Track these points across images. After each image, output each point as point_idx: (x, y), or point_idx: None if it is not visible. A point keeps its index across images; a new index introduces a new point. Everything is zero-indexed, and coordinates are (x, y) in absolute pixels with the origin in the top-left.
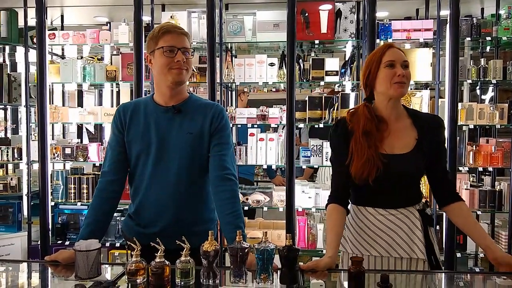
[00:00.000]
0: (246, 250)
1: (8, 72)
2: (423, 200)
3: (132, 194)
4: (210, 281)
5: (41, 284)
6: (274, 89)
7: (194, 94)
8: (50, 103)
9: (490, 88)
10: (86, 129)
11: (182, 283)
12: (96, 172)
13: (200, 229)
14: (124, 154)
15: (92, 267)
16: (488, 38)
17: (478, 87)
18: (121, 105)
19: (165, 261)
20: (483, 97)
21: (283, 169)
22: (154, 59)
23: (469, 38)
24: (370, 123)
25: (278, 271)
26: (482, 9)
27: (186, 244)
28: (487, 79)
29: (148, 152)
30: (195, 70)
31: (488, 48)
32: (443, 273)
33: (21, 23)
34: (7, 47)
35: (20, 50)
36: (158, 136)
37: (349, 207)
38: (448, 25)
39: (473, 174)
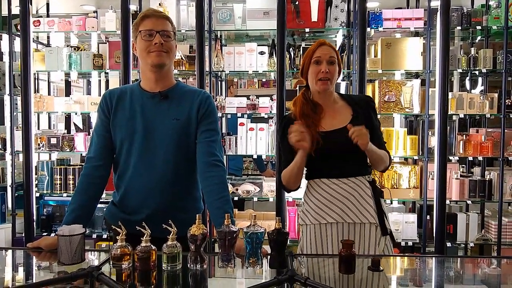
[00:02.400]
0: (235, 234)
1: None
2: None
3: (117, 181)
4: (197, 265)
5: (24, 270)
6: (264, 80)
7: (181, 81)
8: (35, 93)
9: (480, 82)
10: (74, 123)
11: (169, 268)
12: (83, 164)
13: (186, 217)
14: (110, 139)
15: (76, 253)
16: (479, 27)
17: (468, 78)
18: (108, 91)
19: (151, 245)
20: (472, 91)
21: (273, 162)
22: (137, 45)
23: (459, 27)
24: (306, 106)
25: (268, 256)
26: (472, 1)
27: (173, 228)
28: (477, 68)
29: (133, 138)
30: (183, 58)
31: (478, 39)
32: (434, 257)
33: (5, 11)
34: None
35: (5, 39)
36: (144, 122)
37: (304, 184)
38: (438, 14)
39: (463, 165)
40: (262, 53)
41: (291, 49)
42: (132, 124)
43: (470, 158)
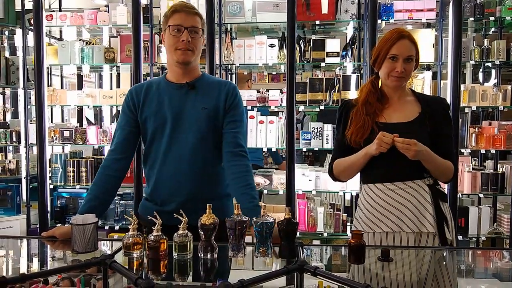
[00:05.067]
0: (245, 224)
1: (6, 55)
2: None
3: (148, 172)
4: (208, 254)
5: (39, 258)
6: (274, 73)
7: (206, 73)
8: (49, 86)
9: (493, 74)
10: (86, 118)
11: (180, 257)
12: (96, 156)
13: (217, 204)
14: (133, 134)
15: (89, 241)
16: (492, 18)
17: (481, 70)
18: (134, 86)
19: (162, 235)
20: (486, 83)
21: (283, 155)
22: (165, 38)
23: (472, 18)
24: (373, 95)
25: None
26: None
27: (183, 218)
28: (490, 60)
29: (163, 128)
30: None
31: (491, 30)
32: (444, 249)
33: (18, 6)
34: (6, 32)
35: (19, 33)
36: (173, 112)
37: (359, 187)
38: (451, 5)
39: (475, 158)
40: (272, 45)
41: (301, 41)
42: (161, 115)
43: (483, 151)
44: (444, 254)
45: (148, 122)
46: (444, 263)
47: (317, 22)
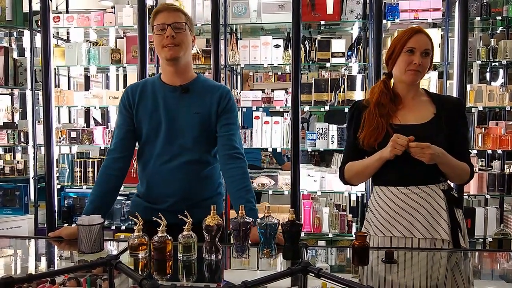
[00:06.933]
0: (249, 225)
1: (14, 57)
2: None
3: (141, 171)
4: (212, 255)
5: (46, 258)
6: (280, 73)
7: (202, 74)
8: (56, 87)
9: (500, 74)
10: (94, 118)
11: (184, 257)
12: (102, 156)
13: (208, 203)
14: (131, 133)
15: (95, 242)
16: (499, 18)
17: (488, 71)
18: (129, 86)
19: (167, 236)
20: (493, 83)
21: (288, 155)
22: (154, 40)
23: (478, 18)
24: (385, 96)
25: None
26: None
27: (188, 219)
28: (497, 60)
29: (158, 130)
30: (199, 52)
31: (499, 30)
32: (449, 251)
33: (26, 8)
34: (14, 33)
35: (27, 35)
36: (168, 114)
37: (365, 188)
38: (457, 4)
39: (482, 159)
40: (277, 46)
41: (306, 42)
42: (156, 116)
43: (489, 152)
44: (450, 256)
45: (143, 122)
46: (450, 265)
47: (322, 22)
